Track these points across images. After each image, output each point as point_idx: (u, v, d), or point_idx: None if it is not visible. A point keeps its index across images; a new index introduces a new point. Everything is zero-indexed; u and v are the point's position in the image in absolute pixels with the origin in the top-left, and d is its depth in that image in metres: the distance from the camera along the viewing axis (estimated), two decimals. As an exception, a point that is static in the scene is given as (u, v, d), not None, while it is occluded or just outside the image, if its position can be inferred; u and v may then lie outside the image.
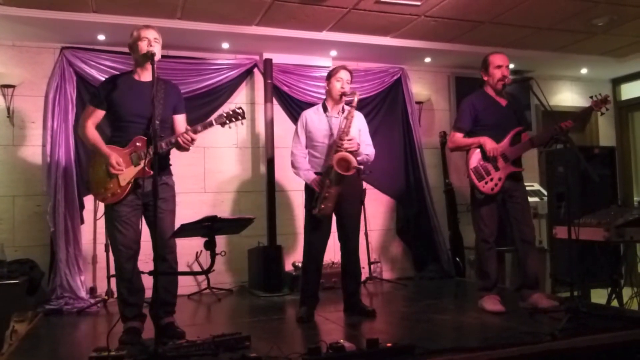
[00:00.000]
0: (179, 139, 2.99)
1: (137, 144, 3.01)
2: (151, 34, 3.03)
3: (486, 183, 3.48)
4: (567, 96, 6.41)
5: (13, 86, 4.40)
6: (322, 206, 3.40)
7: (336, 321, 3.52)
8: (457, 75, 5.83)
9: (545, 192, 5.59)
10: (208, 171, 4.95)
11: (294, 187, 5.11)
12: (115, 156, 2.97)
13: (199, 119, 4.27)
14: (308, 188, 3.56)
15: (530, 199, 5.47)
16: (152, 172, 2.84)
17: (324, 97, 5.00)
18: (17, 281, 3.79)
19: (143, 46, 2.98)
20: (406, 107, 5.49)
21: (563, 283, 4.79)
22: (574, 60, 5.72)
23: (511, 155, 3.50)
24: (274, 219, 4.85)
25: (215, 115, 3.10)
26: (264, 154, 4.97)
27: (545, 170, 5.24)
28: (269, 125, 4.94)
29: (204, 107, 4.74)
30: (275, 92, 5.03)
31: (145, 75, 3.07)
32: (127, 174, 3.00)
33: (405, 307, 4.04)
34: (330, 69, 3.71)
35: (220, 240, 2.86)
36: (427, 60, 5.53)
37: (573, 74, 6.27)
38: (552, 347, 2.64)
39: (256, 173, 5.10)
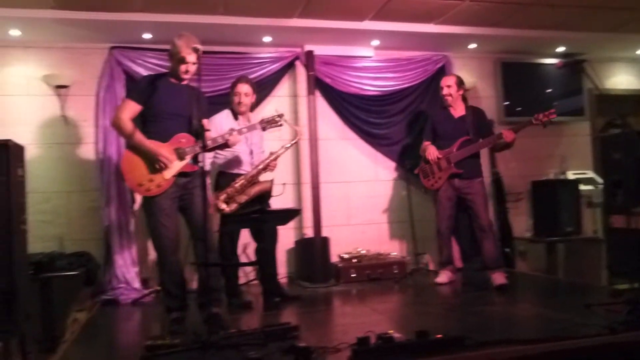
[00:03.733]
0: (227, 138, 3.29)
1: (182, 140, 3.19)
2: (192, 58, 3.14)
3: (428, 180, 4.42)
4: (623, 79, 6.10)
5: (66, 86, 4.57)
6: (230, 207, 3.73)
7: (384, 312, 3.51)
8: (504, 60, 5.63)
9: (599, 180, 5.37)
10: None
11: (337, 179, 5.17)
12: (165, 150, 3.12)
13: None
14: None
15: (584, 187, 5.34)
16: (197, 167, 3.01)
17: (366, 87, 5.07)
18: (76, 272, 3.93)
19: (182, 66, 3.19)
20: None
21: (620, 274, 4.59)
22: (629, 40, 5.44)
23: (454, 159, 4.21)
24: (319, 210, 4.86)
25: (259, 119, 3.54)
26: (308, 147, 4.98)
27: (600, 157, 5.02)
28: (313, 117, 4.95)
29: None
30: (317, 84, 5.02)
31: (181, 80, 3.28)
32: (173, 167, 3.16)
33: (454, 299, 3.98)
34: (233, 80, 3.96)
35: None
36: (472, 46, 5.39)
37: (629, 55, 5.96)
38: (610, 341, 2.51)
39: (300, 165, 5.11)
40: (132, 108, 3.19)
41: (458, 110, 4.38)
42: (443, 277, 4.40)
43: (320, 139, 4.98)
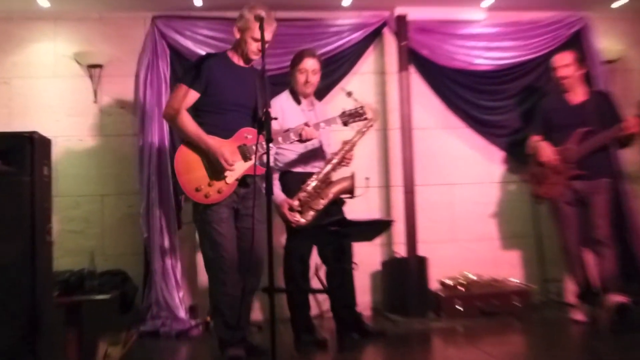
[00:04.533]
0: (302, 133, 3.38)
1: (247, 136, 3.28)
2: (267, 35, 3.14)
3: (541, 187, 4.39)
4: None
5: (100, 66, 4.69)
6: (305, 217, 3.70)
7: (501, 358, 3.40)
8: (666, 20, 5.34)
9: None
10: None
11: (438, 180, 5.07)
12: (227, 150, 3.18)
13: (316, 95, 4.31)
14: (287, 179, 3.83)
15: None
16: (265, 169, 2.97)
17: (476, 60, 5.02)
18: (108, 296, 3.99)
19: (254, 45, 3.27)
20: (590, 69, 5.04)
21: None
22: None
23: (573, 157, 4.18)
24: (414, 222, 4.79)
25: (339, 112, 3.60)
26: (400, 138, 4.89)
27: None
28: (405, 100, 4.87)
29: (323, 79, 4.63)
30: (412, 58, 4.95)
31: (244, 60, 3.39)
32: (236, 169, 3.25)
33: (599, 342, 3.76)
34: (295, 54, 3.95)
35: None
36: (620, 3, 5.11)
37: None
38: None
39: (389, 163, 5.04)
40: (189, 96, 3.26)
41: (577, 95, 4.35)
42: (581, 312, 4.24)
43: (415, 128, 4.90)
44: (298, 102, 3.92)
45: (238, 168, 3.25)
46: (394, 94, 4.99)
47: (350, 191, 3.83)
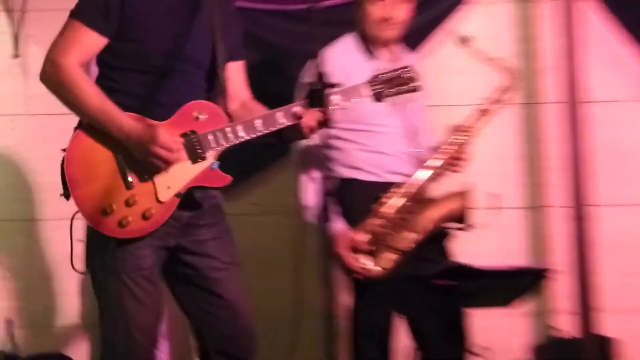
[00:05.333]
0: (302, 121, 3.06)
1: (198, 116, 3.03)
2: None
3: None
4: None
5: (24, -4, 4.48)
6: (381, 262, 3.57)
7: None
8: None
9: None
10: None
11: (633, 197, 4.72)
12: (163, 133, 2.86)
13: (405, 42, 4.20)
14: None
15: None
16: (229, 179, 2.99)
17: None
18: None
19: None
20: None
21: None
22: None
23: None
24: (587, 272, 4.41)
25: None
26: (561, 120, 4.56)
27: None
28: (571, 50, 4.50)
29: (415, 15, 4.29)
30: None
31: None
32: (177, 176, 2.95)
33: None
34: None
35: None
36: None
37: None
38: None
39: (538, 166, 4.74)
40: (88, 42, 2.94)
41: None
42: None
43: (591, 100, 4.55)
44: (371, 54, 3.73)
45: (182, 174, 2.91)
46: (547, 40, 4.62)
47: (463, 218, 3.59)
